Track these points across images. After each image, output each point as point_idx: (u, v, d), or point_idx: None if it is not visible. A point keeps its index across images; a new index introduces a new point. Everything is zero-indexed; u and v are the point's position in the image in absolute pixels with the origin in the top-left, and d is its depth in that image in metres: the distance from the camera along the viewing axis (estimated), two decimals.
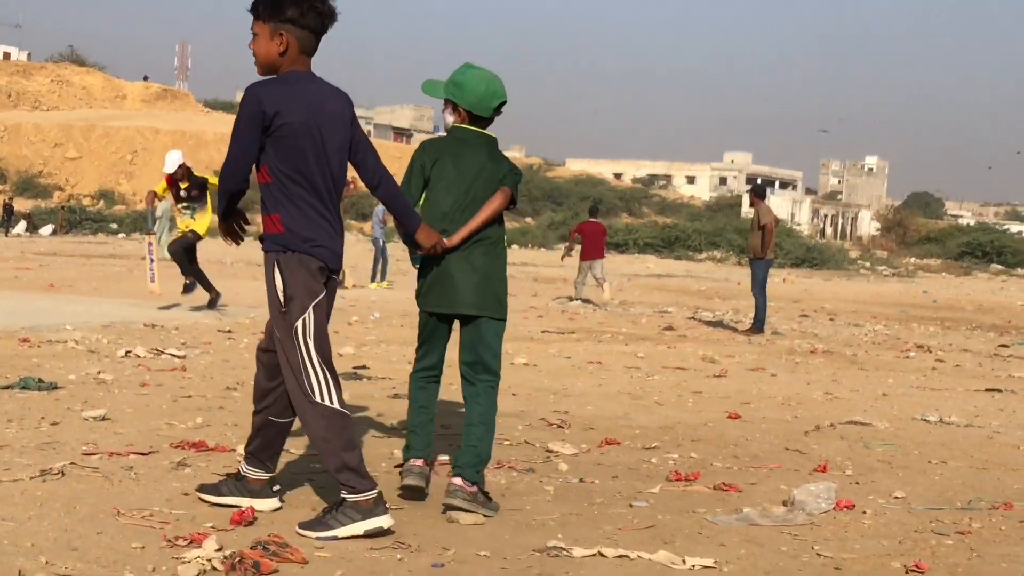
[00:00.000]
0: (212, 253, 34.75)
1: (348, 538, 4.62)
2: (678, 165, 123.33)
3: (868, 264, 55.31)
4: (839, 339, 16.20)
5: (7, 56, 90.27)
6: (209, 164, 66.69)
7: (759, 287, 16.24)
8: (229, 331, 12.62)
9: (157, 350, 10.34)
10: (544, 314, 18.19)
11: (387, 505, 4.79)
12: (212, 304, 14.65)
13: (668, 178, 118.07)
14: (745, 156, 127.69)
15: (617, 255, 53.66)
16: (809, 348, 14.37)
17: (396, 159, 78.80)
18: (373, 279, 22.94)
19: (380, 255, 23.04)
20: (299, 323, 4.70)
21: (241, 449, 6.03)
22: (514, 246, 55.32)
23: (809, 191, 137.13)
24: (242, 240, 4.95)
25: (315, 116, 4.72)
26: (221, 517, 4.81)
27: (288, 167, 4.71)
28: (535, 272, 34.58)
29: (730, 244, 56.70)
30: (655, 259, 51.39)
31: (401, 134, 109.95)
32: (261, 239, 4.81)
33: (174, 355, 10.16)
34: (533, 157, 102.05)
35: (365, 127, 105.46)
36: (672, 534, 4.99)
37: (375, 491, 4.73)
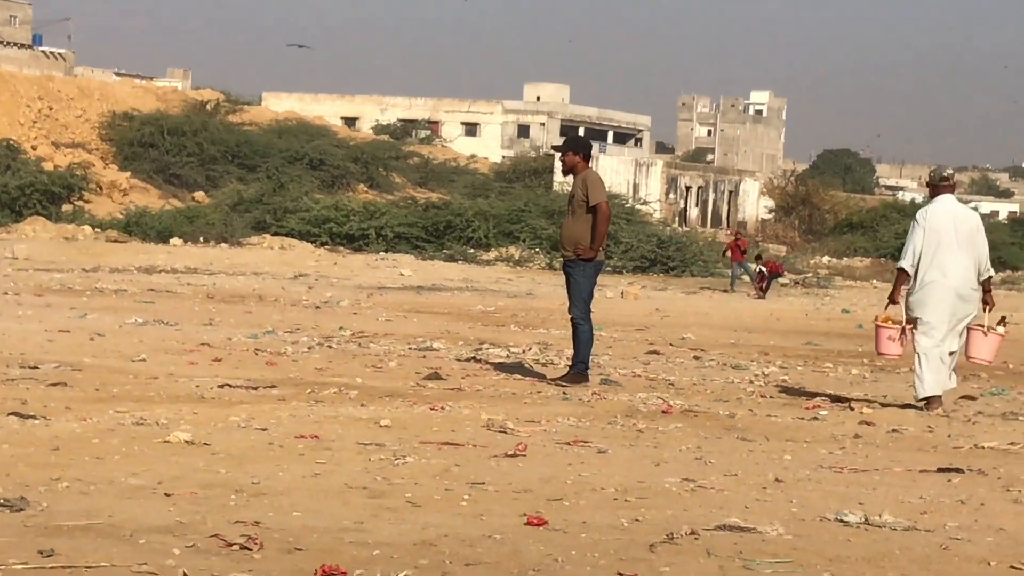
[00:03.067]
0: None
1: None
2: (450, 104, 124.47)
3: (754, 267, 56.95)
4: (708, 390, 16.57)
5: None
6: None
7: (581, 305, 16.42)
8: None
9: None
10: (225, 354, 18.04)
11: None
12: None
13: (434, 126, 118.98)
14: (558, 90, 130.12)
15: (350, 254, 53.71)
16: (660, 406, 14.63)
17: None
18: None
19: None
20: None
21: None
22: (173, 240, 54.64)
23: (663, 147, 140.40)
24: None
25: None
26: None
27: None
28: (209, 284, 34.30)
29: (535, 235, 57.45)
30: (412, 260, 51.67)
31: None
32: None
33: None
34: (206, 90, 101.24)
35: None
36: None
37: None
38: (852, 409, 15.19)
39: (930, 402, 15.09)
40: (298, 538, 7.81)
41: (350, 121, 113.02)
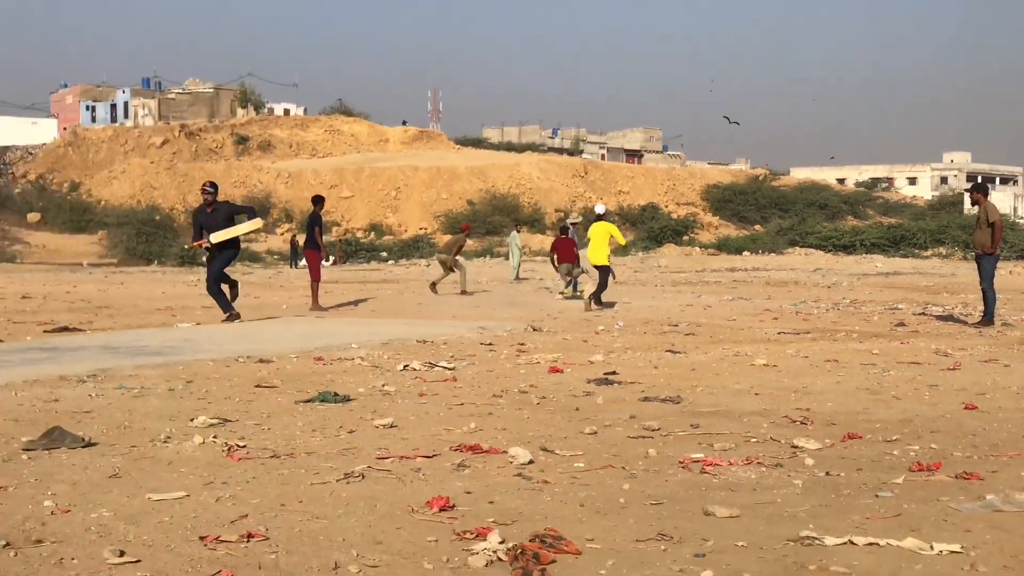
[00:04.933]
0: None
1: None
2: (899, 168, 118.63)
3: None
4: None
5: (287, 112, 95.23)
6: (463, 194, 68.47)
7: (987, 280, 15.48)
8: (490, 344, 12.92)
9: (430, 363, 10.69)
10: (779, 316, 17.82)
11: None
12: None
13: (890, 180, 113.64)
14: (964, 155, 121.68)
15: (844, 256, 51.99)
16: None
17: (629, 179, 78.92)
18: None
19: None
20: None
21: (513, 450, 6.18)
22: (744, 252, 54.35)
23: None
24: None
25: None
26: (501, 513, 4.97)
27: None
28: (766, 276, 33.90)
29: (955, 240, 54.14)
30: (882, 258, 49.48)
31: (632, 156, 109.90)
32: None
33: (445, 367, 10.48)
34: (758, 168, 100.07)
35: (599, 150, 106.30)
36: (918, 522, 4.84)
37: None
38: None
39: None
40: (832, 417, 7.66)
41: (840, 180, 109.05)
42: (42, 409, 7.83)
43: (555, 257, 22.96)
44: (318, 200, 19.26)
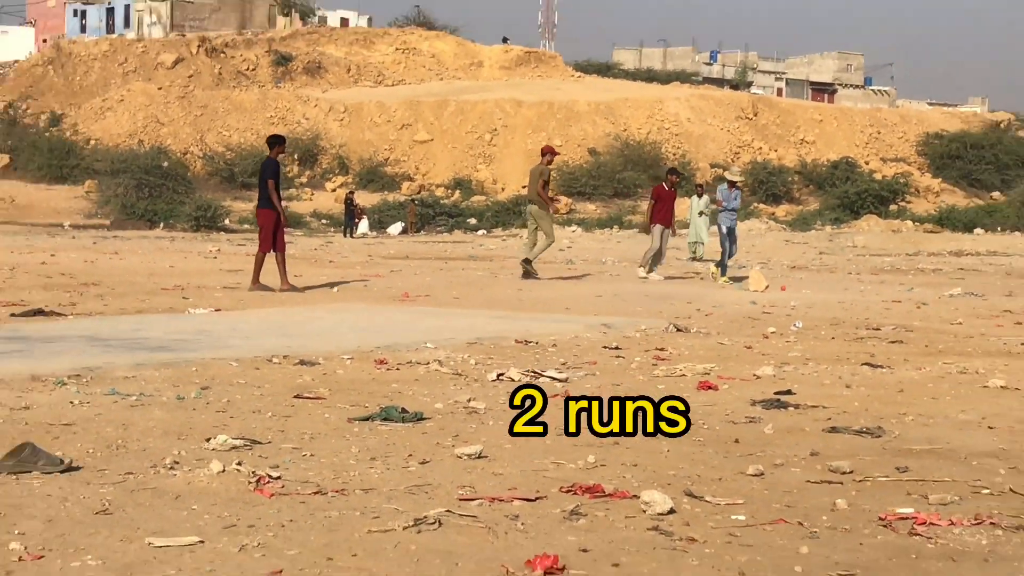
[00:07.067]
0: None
1: None
2: None
3: None
4: None
5: (345, 23, 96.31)
6: (583, 141, 68.50)
7: None
8: (617, 348, 12.91)
9: (534, 372, 10.74)
10: None
11: None
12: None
13: None
14: None
15: None
16: None
17: (816, 123, 78.10)
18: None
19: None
20: None
21: (647, 495, 6.17)
22: (976, 230, 53.39)
23: None
24: None
25: None
26: None
27: None
28: (1007, 264, 33.26)
29: None
30: None
31: (821, 91, 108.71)
32: None
33: (554, 378, 10.51)
34: (999, 112, 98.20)
35: (775, 83, 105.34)
36: None
37: None
38: None
39: None
40: None
41: None
42: (8, 419, 8.04)
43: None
44: (275, 142, 20.13)
